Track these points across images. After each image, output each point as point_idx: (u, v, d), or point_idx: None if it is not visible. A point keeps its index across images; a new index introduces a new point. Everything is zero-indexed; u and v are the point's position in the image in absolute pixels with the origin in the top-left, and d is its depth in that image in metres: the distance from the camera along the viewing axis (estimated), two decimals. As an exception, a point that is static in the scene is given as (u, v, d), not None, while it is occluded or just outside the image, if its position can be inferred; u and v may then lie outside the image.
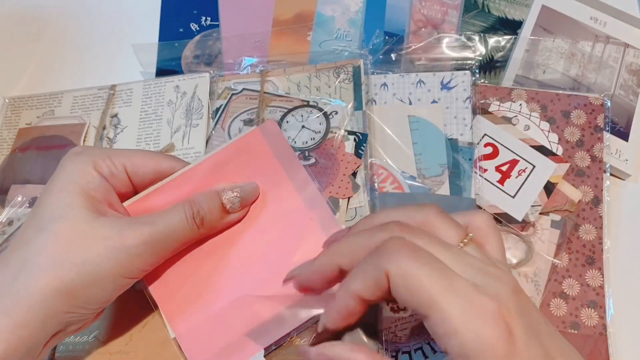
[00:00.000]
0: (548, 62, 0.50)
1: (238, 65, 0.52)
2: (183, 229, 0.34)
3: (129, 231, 0.32)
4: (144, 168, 0.36)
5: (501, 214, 0.45)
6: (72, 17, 0.60)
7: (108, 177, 0.34)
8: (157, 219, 0.33)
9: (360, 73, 0.48)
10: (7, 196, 0.48)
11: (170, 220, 0.33)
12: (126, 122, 0.50)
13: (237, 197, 0.36)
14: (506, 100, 0.48)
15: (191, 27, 0.55)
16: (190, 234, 0.35)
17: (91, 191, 0.33)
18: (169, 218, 0.33)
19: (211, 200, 0.35)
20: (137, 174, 0.36)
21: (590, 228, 0.45)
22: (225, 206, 0.36)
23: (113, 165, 0.35)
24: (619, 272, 0.45)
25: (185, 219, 0.34)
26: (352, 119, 0.47)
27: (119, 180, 0.35)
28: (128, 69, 0.54)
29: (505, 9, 0.53)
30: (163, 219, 0.33)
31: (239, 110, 0.49)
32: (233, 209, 0.36)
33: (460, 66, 0.49)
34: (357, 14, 0.54)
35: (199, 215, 0.34)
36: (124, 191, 0.36)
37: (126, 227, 0.32)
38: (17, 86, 0.56)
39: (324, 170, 0.45)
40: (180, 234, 0.34)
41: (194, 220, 0.34)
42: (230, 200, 0.36)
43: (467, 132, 0.46)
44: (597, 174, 0.46)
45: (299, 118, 0.47)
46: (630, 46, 0.51)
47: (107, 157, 0.35)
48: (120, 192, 0.36)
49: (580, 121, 0.47)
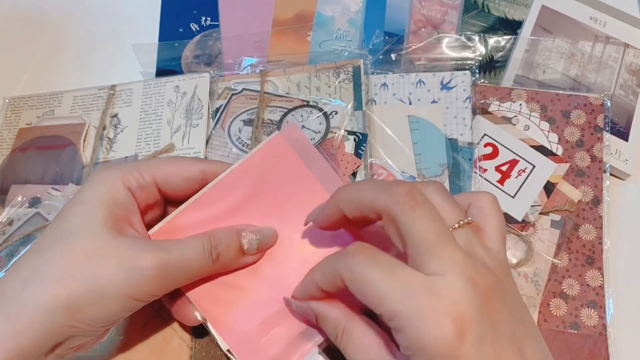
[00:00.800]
0: (548, 62, 0.50)
1: (238, 65, 0.52)
2: (199, 261, 0.33)
3: (145, 254, 0.31)
4: (174, 177, 0.36)
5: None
6: (72, 17, 0.60)
7: (136, 190, 0.34)
8: (174, 246, 0.33)
9: (360, 73, 0.48)
10: (7, 196, 0.48)
11: (188, 249, 0.33)
12: (126, 122, 0.50)
13: (256, 240, 0.36)
14: (506, 100, 0.48)
15: (191, 27, 0.55)
16: (205, 268, 0.34)
17: (114, 207, 0.33)
18: (187, 247, 0.33)
19: (230, 238, 0.35)
20: (167, 184, 0.36)
21: (590, 228, 0.45)
22: (243, 247, 0.35)
23: (141, 178, 0.34)
24: (619, 272, 0.45)
25: (203, 251, 0.33)
26: (352, 119, 0.47)
27: (147, 192, 0.35)
28: (128, 69, 0.54)
29: (505, 9, 0.53)
30: (180, 247, 0.33)
31: (239, 110, 0.49)
32: (250, 251, 0.36)
33: (460, 66, 0.49)
34: (357, 14, 0.54)
35: (217, 250, 0.34)
36: (152, 202, 0.36)
37: (142, 249, 0.31)
38: (17, 86, 0.56)
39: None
40: (195, 265, 0.33)
41: (211, 254, 0.34)
42: (249, 241, 0.35)
43: (467, 132, 0.46)
44: (597, 174, 0.46)
45: (299, 118, 0.47)
46: (630, 46, 0.51)
47: (135, 169, 0.34)
48: (149, 204, 0.36)
49: (580, 121, 0.47)
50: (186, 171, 0.36)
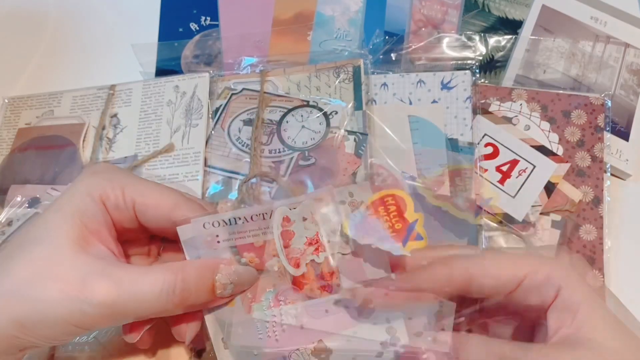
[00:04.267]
0: (548, 62, 0.50)
1: (238, 65, 0.52)
2: (154, 302, 0.29)
3: (96, 282, 0.28)
4: (155, 210, 0.32)
5: (501, 214, 0.45)
6: (71, 17, 0.60)
7: (111, 209, 0.32)
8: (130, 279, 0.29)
9: (360, 73, 0.48)
10: (6, 196, 0.48)
11: (143, 287, 0.29)
12: (126, 122, 0.50)
13: (231, 285, 0.31)
14: (506, 100, 0.48)
15: (191, 26, 0.55)
16: (161, 310, 0.30)
17: (85, 218, 0.30)
18: (144, 282, 0.29)
19: (202, 278, 0.31)
20: (144, 214, 0.32)
21: (590, 228, 0.45)
22: (216, 290, 0.31)
23: (122, 198, 0.32)
24: (619, 272, 0.45)
25: (159, 292, 0.29)
26: (352, 119, 0.46)
27: (123, 215, 0.32)
28: (128, 69, 0.54)
29: (506, 9, 0.53)
30: (136, 281, 0.29)
31: (238, 110, 0.49)
32: (222, 295, 0.31)
33: (461, 66, 0.49)
34: (357, 13, 0.53)
35: (181, 292, 0.30)
36: (128, 227, 0.33)
37: (95, 276, 0.29)
38: (16, 86, 0.56)
39: (323, 170, 0.44)
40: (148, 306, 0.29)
41: (172, 296, 0.29)
42: (224, 286, 0.31)
43: (467, 132, 0.46)
44: (598, 174, 0.46)
45: (299, 118, 0.47)
46: (630, 46, 0.51)
47: (119, 187, 0.32)
48: (126, 227, 0.33)
49: (581, 121, 0.47)
50: (167, 211, 0.32)
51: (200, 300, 0.31)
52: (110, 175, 0.33)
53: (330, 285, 0.32)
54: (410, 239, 0.32)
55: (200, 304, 0.32)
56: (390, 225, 0.32)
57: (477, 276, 0.30)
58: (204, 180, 0.46)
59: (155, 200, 0.32)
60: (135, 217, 0.32)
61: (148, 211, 0.32)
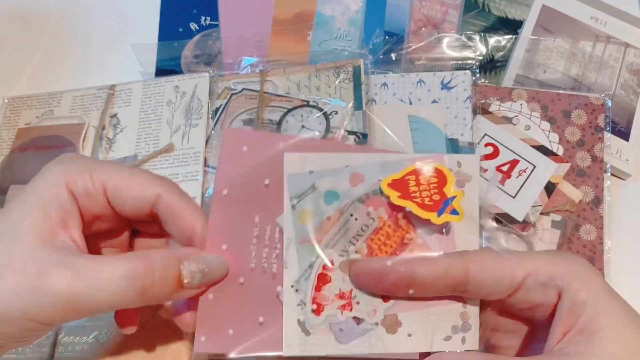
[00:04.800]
0: (548, 62, 0.50)
1: (238, 65, 0.52)
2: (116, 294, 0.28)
3: (54, 275, 0.27)
4: (125, 192, 0.31)
5: (502, 214, 0.44)
6: (71, 17, 0.60)
7: (80, 196, 0.30)
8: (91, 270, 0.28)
9: (360, 73, 0.48)
10: (6, 196, 0.48)
11: (101, 275, 0.27)
12: (125, 122, 0.50)
13: (199, 274, 0.30)
14: (506, 100, 0.48)
15: (191, 26, 0.55)
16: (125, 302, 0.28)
17: (50, 209, 0.29)
18: (105, 273, 0.28)
19: (167, 268, 0.29)
20: (116, 197, 0.31)
21: (590, 228, 0.45)
22: (183, 280, 0.29)
23: (91, 183, 0.30)
24: (620, 273, 0.44)
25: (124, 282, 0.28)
26: (352, 119, 0.46)
27: (94, 200, 0.30)
28: (127, 69, 0.54)
29: (506, 9, 0.53)
30: (97, 272, 0.27)
31: (238, 110, 0.49)
32: (190, 286, 0.30)
33: (461, 66, 0.49)
34: (357, 13, 0.53)
35: (144, 282, 0.28)
36: (101, 214, 0.31)
37: (53, 268, 0.27)
38: (16, 86, 0.56)
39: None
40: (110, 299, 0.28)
41: (135, 287, 0.28)
42: (192, 274, 0.29)
43: (467, 132, 0.46)
44: (598, 174, 0.46)
45: (299, 118, 0.47)
46: (630, 46, 0.51)
47: (88, 171, 0.30)
48: (97, 215, 0.31)
49: (581, 121, 0.47)
50: (140, 190, 0.31)
51: (166, 290, 0.29)
52: (77, 162, 0.31)
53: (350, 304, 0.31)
54: (446, 211, 0.31)
55: (167, 294, 0.30)
56: (428, 195, 0.31)
57: (475, 273, 0.28)
58: (203, 180, 0.46)
59: (128, 181, 0.31)
60: (108, 203, 0.31)
61: (121, 193, 0.31)
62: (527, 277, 0.28)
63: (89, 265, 0.28)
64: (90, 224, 0.32)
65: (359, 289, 0.31)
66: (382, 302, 0.31)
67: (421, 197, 0.31)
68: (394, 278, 0.29)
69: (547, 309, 0.29)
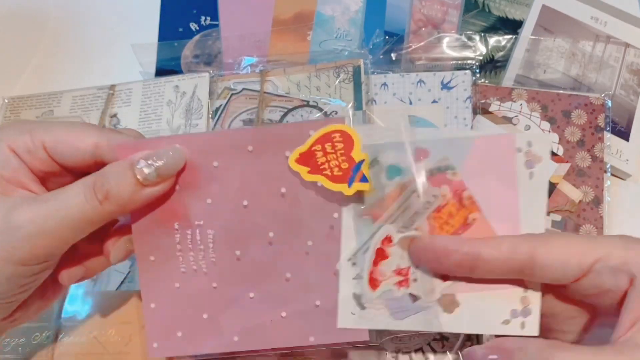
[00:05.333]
0: (549, 62, 0.50)
1: (238, 65, 0.52)
2: (80, 205, 0.29)
3: (19, 210, 0.29)
4: (63, 145, 0.32)
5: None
6: (71, 17, 0.60)
7: (23, 155, 0.31)
8: (53, 195, 0.30)
9: (360, 73, 0.48)
10: None
11: (66, 195, 0.30)
12: (125, 122, 0.50)
13: (153, 168, 0.31)
14: (507, 100, 0.48)
15: (191, 26, 0.55)
16: (92, 213, 0.30)
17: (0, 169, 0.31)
18: (66, 193, 0.30)
19: (121, 173, 0.30)
20: (56, 152, 0.32)
21: (590, 228, 0.45)
22: (138, 177, 0.30)
23: (30, 142, 0.31)
24: (620, 273, 0.44)
25: (83, 193, 0.30)
26: (352, 119, 0.46)
27: (37, 158, 0.32)
28: (127, 69, 0.54)
29: (506, 9, 0.53)
30: (58, 195, 0.30)
31: (238, 110, 0.49)
32: (149, 182, 0.31)
33: (461, 66, 0.49)
34: (357, 13, 0.53)
35: (103, 188, 0.30)
36: (49, 170, 0.32)
37: (17, 206, 0.29)
38: (16, 86, 0.56)
39: (323, 170, 0.44)
40: (77, 212, 0.29)
41: (95, 195, 0.30)
42: (146, 171, 0.30)
43: (467, 132, 0.46)
44: (598, 174, 0.46)
45: (299, 118, 0.47)
46: (631, 46, 0.51)
47: (27, 132, 0.31)
48: (48, 172, 0.32)
49: (581, 121, 0.47)
50: (76, 141, 0.32)
51: (126, 193, 0.30)
52: (16, 125, 0.32)
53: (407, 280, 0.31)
54: (355, 179, 0.29)
55: (129, 196, 0.30)
56: (337, 164, 0.30)
57: (542, 256, 0.27)
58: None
59: (64, 135, 0.32)
60: (51, 158, 0.32)
61: (58, 147, 0.32)
62: (597, 261, 0.27)
63: (53, 195, 0.30)
64: (46, 181, 0.33)
65: (418, 266, 0.30)
66: (440, 281, 0.30)
67: (330, 168, 0.30)
68: (457, 258, 0.29)
69: (615, 295, 0.27)
